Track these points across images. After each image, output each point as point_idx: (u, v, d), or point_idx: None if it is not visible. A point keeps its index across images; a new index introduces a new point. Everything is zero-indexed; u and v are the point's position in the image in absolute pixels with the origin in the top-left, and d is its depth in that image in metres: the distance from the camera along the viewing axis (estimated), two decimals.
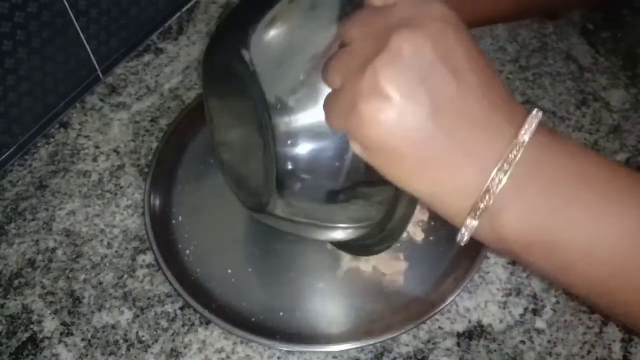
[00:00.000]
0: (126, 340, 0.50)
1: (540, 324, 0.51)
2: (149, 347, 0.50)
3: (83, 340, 0.50)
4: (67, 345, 0.50)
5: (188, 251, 0.54)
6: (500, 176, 0.27)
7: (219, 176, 0.44)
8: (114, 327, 0.51)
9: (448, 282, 0.51)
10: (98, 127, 0.62)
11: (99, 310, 0.51)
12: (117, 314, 0.51)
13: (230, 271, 0.53)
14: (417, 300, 0.51)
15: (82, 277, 0.53)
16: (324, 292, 0.51)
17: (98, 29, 0.60)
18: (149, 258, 0.54)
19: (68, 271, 0.53)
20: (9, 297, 0.52)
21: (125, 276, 0.53)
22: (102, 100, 0.64)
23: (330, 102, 0.30)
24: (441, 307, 0.49)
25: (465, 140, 0.27)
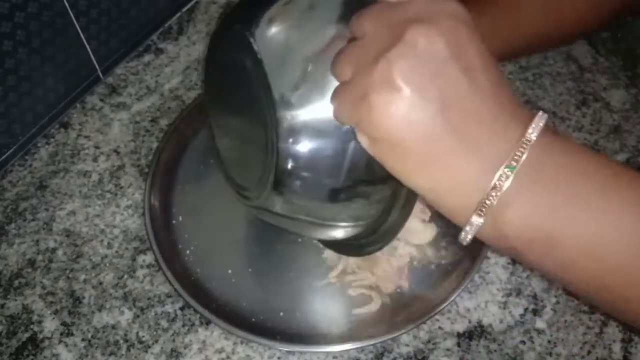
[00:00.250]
0: (126, 340, 0.50)
1: (540, 324, 0.51)
2: (149, 347, 0.50)
3: (83, 340, 0.50)
4: (67, 345, 0.50)
5: (188, 251, 0.54)
6: (507, 174, 0.27)
7: (219, 176, 0.44)
8: (114, 327, 0.51)
9: (448, 282, 0.51)
10: (98, 127, 0.62)
11: (99, 310, 0.51)
12: (117, 314, 0.51)
13: (230, 271, 0.53)
14: (417, 300, 0.51)
15: (82, 277, 0.53)
16: (324, 292, 0.51)
17: (98, 29, 0.60)
18: (149, 258, 0.54)
19: (68, 271, 0.53)
20: (9, 297, 0.52)
21: (125, 276, 0.53)
22: (102, 100, 0.64)
23: (340, 93, 0.30)
24: (441, 307, 0.49)
25: (473, 137, 0.27)
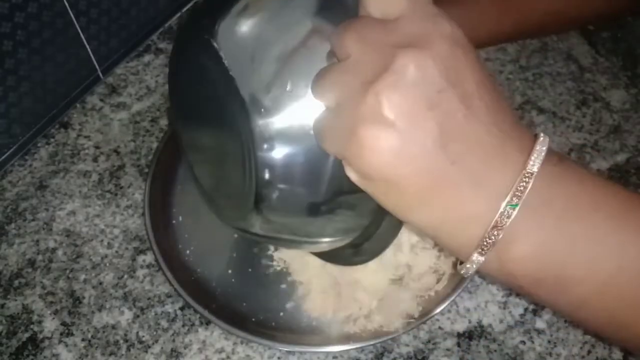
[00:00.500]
0: (126, 340, 0.50)
1: (540, 324, 0.51)
2: (149, 347, 0.50)
3: (83, 340, 0.50)
4: (67, 345, 0.50)
5: (188, 251, 0.54)
6: (509, 209, 0.25)
7: None
8: (114, 327, 0.51)
9: (448, 282, 0.51)
10: (98, 127, 0.62)
11: (99, 310, 0.51)
12: (117, 314, 0.51)
13: (230, 271, 0.53)
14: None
15: (82, 277, 0.53)
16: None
17: (98, 29, 0.60)
18: (149, 258, 0.54)
19: (68, 271, 0.53)
20: (9, 297, 0.52)
21: (125, 276, 0.53)
22: (102, 100, 0.64)
23: (324, 123, 0.27)
24: (441, 307, 0.49)
25: (473, 170, 0.25)
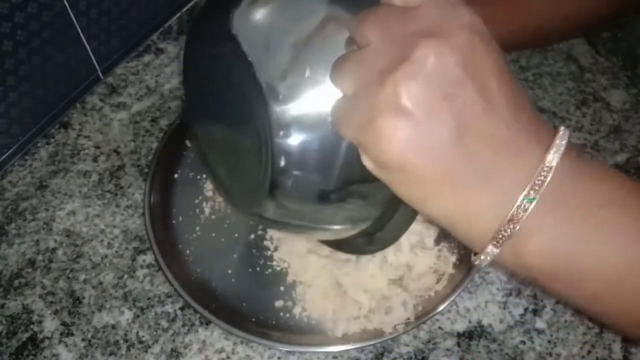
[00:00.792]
0: (126, 340, 0.50)
1: (540, 324, 0.51)
2: (149, 347, 0.50)
3: (83, 340, 0.50)
4: (67, 345, 0.50)
5: (188, 251, 0.54)
6: (526, 203, 0.25)
7: None
8: (114, 327, 0.51)
9: (448, 282, 0.51)
10: (98, 127, 0.62)
11: (99, 310, 0.51)
12: (117, 314, 0.51)
13: (230, 271, 0.53)
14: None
15: (82, 277, 0.53)
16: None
17: (98, 29, 0.60)
18: (149, 258, 0.54)
19: (68, 271, 0.53)
20: (9, 297, 0.52)
21: (125, 276, 0.53)
22: (102, 100, 0.64)
23: (341, 110, 0.27)
24: (441, 307, 0.49)
25: (490, 163, 0.25)
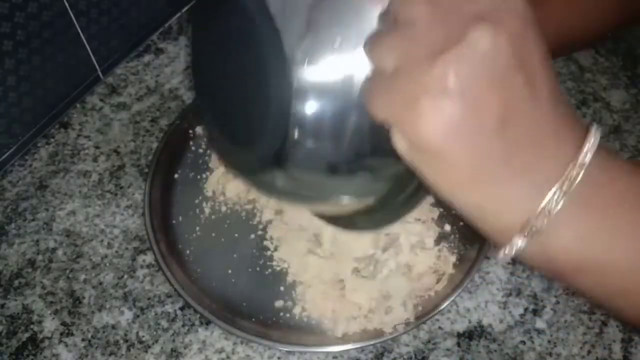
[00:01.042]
0: (126, 340, 0.50)
1: (540, 324, 0.51)
2: (149, 347, 0.50)
3: (83, 340, 0.50)
4: (67, 345, 0.50)
5: (188, 251, 0.54)
6: (558, 196, 0.25)
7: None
8: (114, 327, 0.51)
9: (448, 282, 0.51)
10: (98, 127, 0.62)
11: (99, 310, 0.51)
12: (117, 314, 0.51)
13: (230, 271, 0.53)
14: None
15: (82, 277, 0.53)
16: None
17: (98, 29, 0.60)
18: (149, 258, 0.54)
19: (68, 271, 0.53)
20: (9, 297, 0.52)
21: (125, 276, 0.53)
22: (102, 100, 0.64)
23: (377, 87, 0.26)
24: (441, 307, 0.49)
25: (528, 155, 0.25)
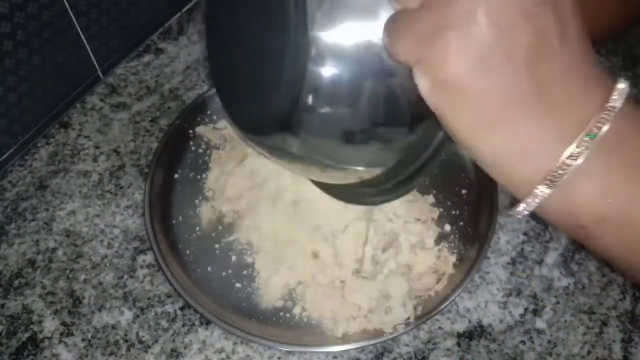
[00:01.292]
0: (126, 340, 0.50)
1: (540, 324, 0.51)
2: (149, 347, 0.50)
3: (83, 340, 0.50)
4: (67, 345, 0.50)
5: (188, 251, 0.54)
6: (586, 143, 0.23)
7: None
8: (114, 327, 0.51)
9: (448, 282, 0.51)
10: (98, 127, 0.62)
11: (99, 310, 0.51)
12: (117, 314, 0.51)
13: (230, 271, 0.53)
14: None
15: (82, 277, 0.53)
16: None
17: (98, 29, 0.60)
18: (149, 258, 0.54)
19: (68, 271, 0.53)
20: (9, 297, 0.52)
21: (125, 276, 0.53)
22: (102, 100, 0.64)
23: (401, 22, 0.25)
24: (441, 307, 0.49)
25: (555, 96, 0.24)
